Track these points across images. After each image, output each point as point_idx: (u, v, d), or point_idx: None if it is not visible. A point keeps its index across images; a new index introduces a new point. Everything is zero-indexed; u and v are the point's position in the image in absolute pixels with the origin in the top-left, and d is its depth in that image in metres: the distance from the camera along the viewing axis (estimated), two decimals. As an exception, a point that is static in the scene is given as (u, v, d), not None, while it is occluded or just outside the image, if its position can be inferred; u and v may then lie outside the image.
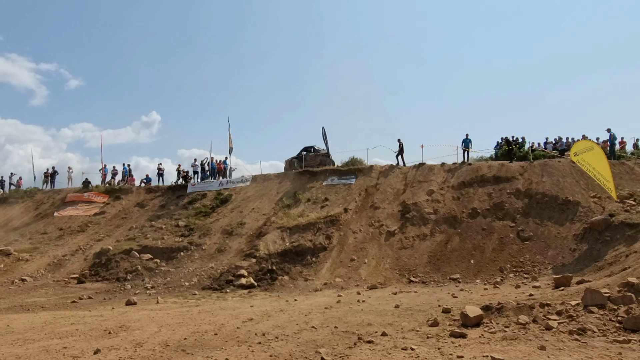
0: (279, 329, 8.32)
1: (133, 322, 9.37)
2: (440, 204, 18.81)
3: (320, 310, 10.41)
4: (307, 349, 6.79)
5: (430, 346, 6.70)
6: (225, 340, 7.48)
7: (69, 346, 7.31)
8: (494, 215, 17.42)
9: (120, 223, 23.57)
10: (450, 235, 17.07)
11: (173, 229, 21.32)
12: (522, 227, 16.39)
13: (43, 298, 14.18)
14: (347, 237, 17.94)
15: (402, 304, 10.62)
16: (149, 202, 25.60)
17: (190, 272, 17.11)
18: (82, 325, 9.24)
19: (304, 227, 18.49)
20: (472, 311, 7.96)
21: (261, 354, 6.61)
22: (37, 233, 23.23)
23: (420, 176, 21.28)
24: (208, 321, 9.33)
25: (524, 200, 17.73)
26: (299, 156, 26.28)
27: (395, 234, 17.73)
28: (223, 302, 12.60)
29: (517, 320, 7.60)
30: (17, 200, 28.02)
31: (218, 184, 25.87)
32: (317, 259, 16.82)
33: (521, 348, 6.40)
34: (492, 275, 14.38)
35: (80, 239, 21.99)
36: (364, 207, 19.94)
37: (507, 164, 20.36)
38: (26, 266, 18.90)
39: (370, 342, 7.02)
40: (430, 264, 15.79)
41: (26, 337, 8.12)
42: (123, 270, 17.71)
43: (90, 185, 28.55)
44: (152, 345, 7.27)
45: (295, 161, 26.05)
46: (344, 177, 22.81)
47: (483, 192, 18.88)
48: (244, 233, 19.68)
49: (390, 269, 15.85)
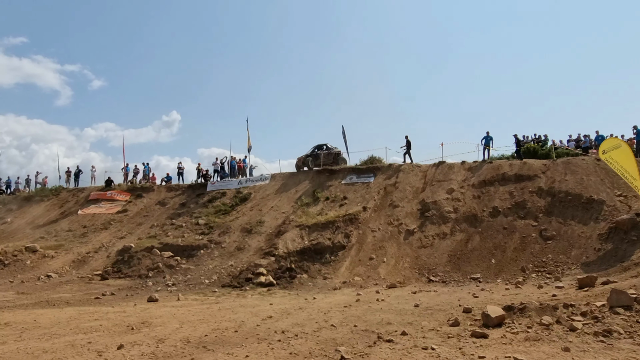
0: (299, 327, 8.35)
1: (155, 319, 9.50)
2: (461, 203, 18.60)
3: (339, 308, 10.40)
4: (327, 347, 6.79)
5: (451, 346, 6.63)
6: (246, 338, 7.53)
7: (93, 341, 7.46)
8: (515, 214, 17.15)
9: (141, 221, 23.96)
10: (471, 234, 16.87)
11: (193, 227, 21.58)
12: (545, 226, 16.09)
13: (68, 294, 14.50)
14: (365, 235, 17.89)
15: (421, 303, 10.54)
16: (170, 200, 25.96)
17: (210, 270, 17.29)
18: (105, 321, 9.42)
19: (323, 226, 18.50)
20: (493, 311, 7.84)
21: (281, 351, 6.64)
22: (62, 230, 23.78)
23: (440, 175, 21.07)
24: (228, 318, 9.41)
25: (546, 199, 17.41)
26: (313, 154, 25.75)
27: (414, 233, 17.60)
28: (243, 300, 12.69)
29: (540, 320, 7.46)
30: (42, 199, 28.74)
31: (237, 182, 26.08)
32: (336, 257, 16.82)
33: (544, 349, 6.29)
34: (513, 275, 14.16)
35: (103, 236, 22.43)
36: (382, 206, 19.85)
37: (529, 162, 19.99)
38: (52, 263, 19.37)
39: (390, 341, 6.99)
40: (450, 263, 15.63)
41: (52, 332, 8.31)
42: (145, 267, 18.00)
43: (113, 183, 29.10)
44: (173, 341, 7.37)
45: (310, 160, 25.50)
46: (362, 176, 22.76)
47: (504, 190, 18.59)
48: (263, 231, 19.80)
49: (409, 268, 15.75)
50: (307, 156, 25.71)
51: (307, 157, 25.64)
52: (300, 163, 25.75)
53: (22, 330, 8.49)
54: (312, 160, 25.43)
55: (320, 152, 25.68)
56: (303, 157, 25.83)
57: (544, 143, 22.84)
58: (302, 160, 25.72)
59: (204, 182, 27.11)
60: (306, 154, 26.00)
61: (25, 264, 18.97)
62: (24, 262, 19.08)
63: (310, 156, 25.62)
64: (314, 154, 25.75)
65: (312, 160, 25.42)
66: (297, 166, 25.93)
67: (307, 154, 25.88)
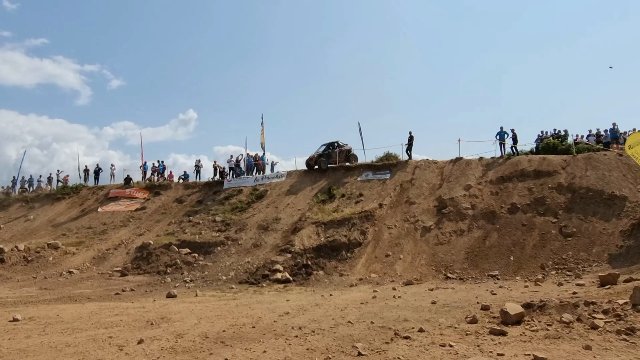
0: (315, 323, 8.37)
1: (174, 314, 9.63)
2: (478, 199, 18.40)
3: (355, 305, 10.40)
4: (344, 343, 6.79)
5: (469, 343, 6.57)
6: (263, 333, 7.58)
7: (114, 336, 7.59)
8: (534, 211, 16.90)
9: (159, 218, 24.26)
10: (489, 231, 16.68)
11: (210, 224, 21.77)
12: (565, 223, 15.82)
13: (89, 290, 14.77)
14: (382, 232, 17.83)
15: (439, 300, 10.47)
16: (187, 197, 26.23)
17: (227, 267, 17.43)
18: (125, 316, 9.58)
19: (339, 223, 18.49)
20: (512, 308, 7.75)
21: (298, 347, 6.66)
22: (83, 228, 24.22)
23: (457, 171, 20.87)
24: (245, 314, 9.49)
25: (566, 195, 17.11)
26: (326, 153, 25.14)
27: (431, 230, 17.48)
28: (259, 296, 12.78)
29: (561, 318, 7.34)
30: (64, 197, 29.28)
31: (253, 179, 26.22)
32: (352, 254, 16.80)
33: (565, 347, 6.19)
34: (532, 272, 13.97)
35: (123, 233, 22.78)
36: (399, 203, 19.75)
37: (549, 157, 19.66)
38: (73, 259, 19.75)
39: (407, 337, 6.96)
40: (467, 260, 15.49)
41: (74, 327, 8.48)
42: (163, 264, 18.23)
43: (132, 181, 29.52)
44: (192, 336, 7.46)
45: (323, 160, 24.74)
46: (378, 172, 22.67)
47: (523, 186, 18.33)
48: (279, 228, 19.88)
49: (426, 265, 15.65)
50: (319, 156, 25.03)
51: (320, 158, 24.92)
52: (313, 163, 25.03)
53: (46, 325, 8.69)
54: (325, 160, 24.88)
55: (333, 150, 25.17)
56: (315, 157, 25.05)
57: (564, 138, 22.37)
58: (315, 160, 24.98)
59: (221, 180, 27.32)
60: (318, 153, 25.34)
61: (48, 260, 19.38)
62: (46, 258, 19.50)
63: (323, 156, 25.01)
64: (326, 153, 25.21)
65: (325, 161, 24.85)
66: (308, 165, 25.27)
67: (319, 154, 25.22)
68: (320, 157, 24.95)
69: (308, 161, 25.28)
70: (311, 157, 25.20)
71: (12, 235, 24.69)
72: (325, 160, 24.84)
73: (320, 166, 24.63)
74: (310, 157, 25.23)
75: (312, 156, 25.19)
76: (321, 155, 25.09)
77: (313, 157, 25.09)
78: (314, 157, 25.06)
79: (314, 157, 25.07)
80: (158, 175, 30.58)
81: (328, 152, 25.18)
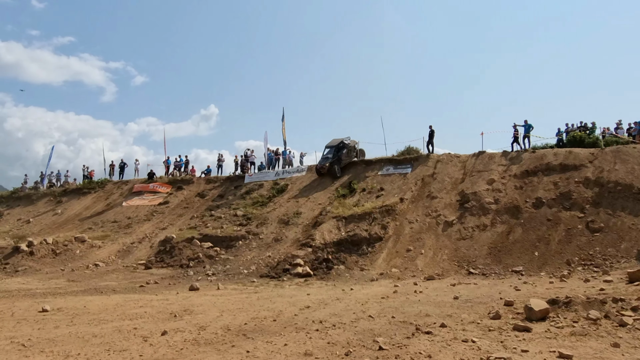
0: (336, 317, 8.38)
1: (196, 307, 9.77)
2: (502, 194, 18.08)
3: (376, 299, 10.37)
4: (365, 337, 6.78)
5: (492, 339, 6.48)
6: (284, 327, 7.63)
7: (138, 327, 7.75)
8: (560, 205, 16.51)
9: (182, 212, 24.60)
10: (512, 225, 16.38)
11: (231, 218, 21.97)
12: (592, 218, 15.42)
13: (114, 282, 15.10)
14: (403, 227, 17.70)
15: (461, 295, 10.35)
16: (209, 192, 26.51)
17: (248, 261, 17.58)
18: (149, 308, 9.76)
19: (360, 217, 18.43)
20: (537, 304, 7.60)
21: (319, 340, 6.68)
22: (108, 221, 24.75)
23: (479, 165, 20.54)
24: (267, 308, 9.56)
25: (594, 189, 16.67)
26: (338, 158, 23.54)
27: (453, 224, 17.27)
28: (280, 290, 12.85)
29: (587, 315, 7.17)
30: (90, 191, 29.97)
31: (274, 174, 26.34)
32: (373, 248, 16.74)
33: (592, 344, 6.05)
34: (558, 268, 13.67)
35: (147, 227, 23.19)
36: (420, 197, 19.57)
37: (575, 151, 19.16)
38: (99, 252, 20.21)
39: (429, 332, 6.90)
40: (490, 255, 15.26)
41: (100, 318, 8.69)
42: (186, 257, 18.49)
43: (155, 176, 30.00)
44: (214, 328, 7.55)
45: (336, 167, 23.29)
46: (399, 167, 22.48)
47: (548, 181, 17.92)
48: (300, 222, 19.93)
49: (448, 260, 15.48)
50: (331, 164, 23.36)
51: (332, 165, 23.32)
52: (326, 171, 23.44)
53: (73, 316, 8.93)
54: (338, 166, 23.47)
55: (341, 152, 23.76)
56: (327, 166, 23.41)
57: (592, 131, 21.73)
58: (327, 169, 23.39)
59: (242, 174, 27.53)
60: (328, 159, 23.65)
61: (75, 253, 19.88)
62: (73, 251, 20.00)
63: (335, 162, 23.44)
64: (337, 157, 23.61)
65: (339, 167, 23.47)
66: (319, 173, 23.83)
67: (330, 161, 23.44)
68: (332, 164, 23.39)
69: (319, 169, 23.88)
70: (322, 165, 23.65)
71: (41, 228, 25.41)
72: (339, 167, 23.53)
73: (336, 174, 23.29)
74: (322, 165, 23.68)
75: (324, 165, 23.58)
76: (332, 162, 23.48)
77: (325, 167, 23.51)
78: (325, 166, 23.49)
79: (326, 166, 23.47)
80: (180, 170, 31.01)
81: (339, 157, 23.71)
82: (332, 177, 23.31)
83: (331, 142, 24.80)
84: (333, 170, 23.34)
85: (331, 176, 23.33)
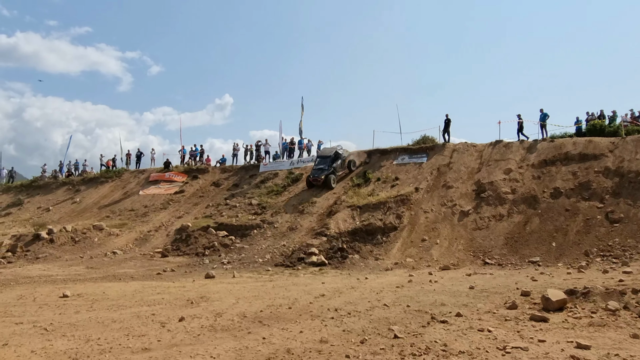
0: (351, 305, 8.40)
1: (212, 294, 9.88)
2: (519, 183, 17.85)
3: (391, 289, 10.36)
4: (380, 325, 6.79)
5: (508, 329, 6.44)
6: (299, 314, 7.68)
7: (156, 313, 7.88)
8: (579, 196, 16.25)
9: (197, 201, 24.83)
10: (530, 216, 16.18)
11: (246, 207, 22.10)
12: (612, 209, 15.15)
13: (132, 269, 15.35)
14: (418, 216, 17.62)
15: (476, 285, 10.29)
16: (224, 181, 26.69)
17: (263, 249, 17.69)
18: (167, 295, 9.91)
19: (374, 206, 18.38)
20: (554, 295, 7.52)
21: (334, 328, 6.71)
22: (125, 210, 25.10)
23: (496, 154, 20.28)
24: (282, 296, 9.62)
25: (614, 179, 16.35)
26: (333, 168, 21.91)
27: (469, 214, 17.12)
28: (295, 279, 12.92)
29: (606, 306, 7.08)
30: (107, 180, 30.41)
31: (289, 163, 26.37)
32: (388, 238, 16.71)
33: (610, 335, 5.97)
34: (576, 259, 13.49)
35: (163, 216, 23.47)
36: (435, 187, 19.43)
37: (595, 140, 18.77)
38: (117, 240, 20.54)
39: (444, 322, 6.88)
40: (507, 245, 15.12)
41: (119, 304, 8.85)
42: (201, 245, 18.68)
43: (171, 165, 30.28)
44: (230, 315, 7.64)
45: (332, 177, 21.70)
46: (415, 156, 22.32)
47: (567, 170, 17.63)
48: (315, 212, 19.95)
49: (463, 250, 15.39)
50: (327, 175, 21.59)
51: (328, 175, 21.59)
52: (320, 184, 21.64)
53: (93, 302, 9.11)
54: (335, 177, 22.03)
55: (336, 162, 22.23)
56: (323, 178, 21.55)
57: (612, 120, 21.23)
58: (323, 181, 21.58)
59: (257, 163, 27.62)
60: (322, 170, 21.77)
61: (94, 241, 20.23)
62: (92, 239, 20.35)
63: (331, 172, 21.80)
64: (332, 168, 21.95)
65: (335, 178, 22.03)
66: (310, 185, 22.06)
67: (326, 172, 21.64)
68: (327, 176, 21.60)
69: (312, 181, 21.92)
70: (317, 177, 21.68)
71: (60, 216, 25.92)
72: (335, 177, 22.05)
73: (331, 185, 21.56)
74: (316, 177, 21.70)
75: (318, 177, 21.65)
76: (328, 173, 21.69)
77: (319, 179, 21.60)
78: (320, 178, 21.57)
79: (321, 178, 21.57)
80: (195, 160, 31.23)
81: (334, 168, 22.04)
82: (327, 189, 21.56)
83: (323, 152, 23.41)
84: (328, 182, 21.56)
85: (326, 188, 21.58)
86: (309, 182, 22.18)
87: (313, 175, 21.99)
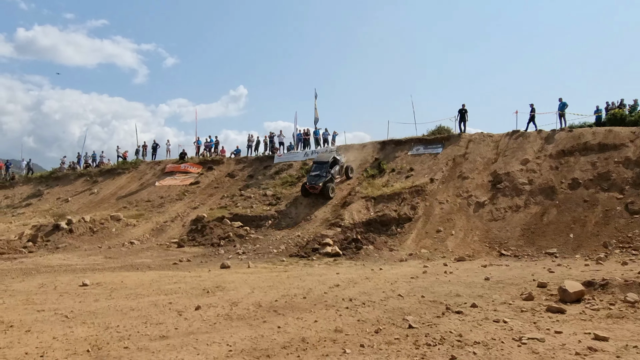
0: (366, 295, 8.42)
1: (228, 284, 9.99)
2: (536, 174, 17.62)
3: (406, 279, 10.35)
4: (394, 315, 6.80)
5: (524, 320, 6.39)
6: (314, 304, 7.72)
7: (173, 302, 7.99)
8: (598, 186, 15.98)
9: (213, 192, 25.04)
10: (547, 207, 15.97)
11: (261, 198, 22.22)
12: (632, 200, 14.87)
13: (149, 259, 15.57)
14: (433, 207, 17.52)
15: (492, 276, 10.21)
16: (239, 172, 26.85)
17: (277, 240, 17.80)
18: (183, 284, 10.04)
19: (389, 197, 18.34)
20: (571, 286, 7.43)
21: (349, 318, 6.74)
22: (142, 201, 25.43)
23: (513, 144, 20.02)
24: (297, 285, 9.68)
25: (634, 170, 16.03)
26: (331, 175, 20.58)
27: (485, 205, 16.97)
28: (310, 269, 12.97)
29: (625, 298, 6.98)
30: (124, 171, 30.83)
31: (303, 154, 26.39)
32: (402, 229, 16.67)
33: (629, 327, 5.89)
34: (594, 250, 13.30)
35: (179, 206, 23.73)
36: (451, 177, 19.27)
37: (615, 129, 18.39)
38: (134, 231, 20.84)
39: (459, 312, 6.86)
40: (523, 237, 14.96)
41: (137, 292, 9.00)
42: (217, 236, 18.85)
43: (186, 156, 30.56)
44: (246, 305, 7.72)
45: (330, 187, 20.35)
46: (430, 147, 22.16)
47: (585, 161, 17.33)
48: (329, 202, 19.97)
49: (479, 241, 15.28)
50: (325, 183, 20.06)
51: (327, 184, 20.15)
52: (318, 192, 20.13)
53: (112, 290, 9.28)
54: (333, 185, 20.73)
55: (334, 169, 21.09)
56: (320, 186, 19.96)
57: (633, 109, 20.76)
58: (320, 189, 20.02)
59: (271, 155, 27.71)
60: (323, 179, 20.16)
61: (111, 231, 20.57)
62: (110, 229, 20.70)
63: (329, 180, 20.39)
64: (330, 175, 20.62)
65: (333, 186, 20.75)
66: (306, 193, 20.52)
67: (324, 180, 20.11)
68: (325, 184, 20.10)
69: (308, 189, 20.32)
70: (314, 185, 20.07)
71: (79, 207, 26.37)
72: (334, 187, 20.75)
73: (329, 194, 20.23)
74: (313, 185, 20.09)
75: (315, 185, 20.04)
76: (326, 181, 20.20)
77: (317, 186, 20.01)
78: (317, 186, 20.00)
79: (318, 185, 19.98)
80: (210, 151, 31.45)
81: (331, 175, 20.75)
82: (324, 198, 20.28)
83: (320, 157, 22.26)
84: (326, 191, 20.10)
85: (323, 197, 20.29)
86: (304, 190, 20.51)
87: (309, 182, 20.29)
